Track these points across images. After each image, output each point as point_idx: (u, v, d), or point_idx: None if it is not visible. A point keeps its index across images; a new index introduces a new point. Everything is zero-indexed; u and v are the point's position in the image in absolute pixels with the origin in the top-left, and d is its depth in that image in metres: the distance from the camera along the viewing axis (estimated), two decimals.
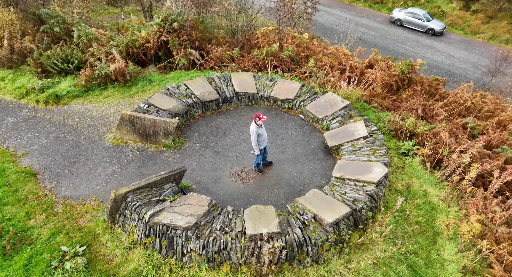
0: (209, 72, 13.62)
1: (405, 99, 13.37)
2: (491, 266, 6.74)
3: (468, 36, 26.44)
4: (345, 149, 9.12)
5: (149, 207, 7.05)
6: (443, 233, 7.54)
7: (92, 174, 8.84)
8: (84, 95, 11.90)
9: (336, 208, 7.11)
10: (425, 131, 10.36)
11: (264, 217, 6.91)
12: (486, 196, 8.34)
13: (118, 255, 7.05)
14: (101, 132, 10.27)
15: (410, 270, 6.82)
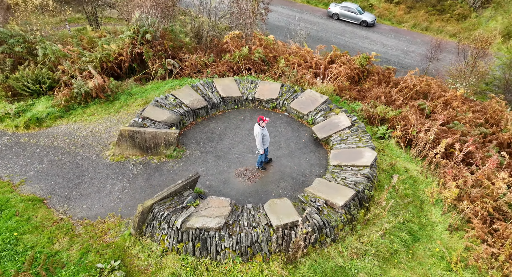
0: (186, 80, 13.98)
1: (368, 89, 14.92)
2: (470, 221, 8.26)
3: (395, 25, 29.65)
4: (334, 139, 10.24)
5: (176, 214, 7.54)
6: (428, 200, 8.96)
7: (102, 192, 9.00)
8: (67, 116, 11.72)
9: (342, 192, 8.17)
10: (394, 116, 11.86)
11: (283, 208, 7.76)
12: (453, 165, 9.97)
13: (152, 263, 7.46)
14: (97, 150, 10.33)
15: (409, 235, 8.12)
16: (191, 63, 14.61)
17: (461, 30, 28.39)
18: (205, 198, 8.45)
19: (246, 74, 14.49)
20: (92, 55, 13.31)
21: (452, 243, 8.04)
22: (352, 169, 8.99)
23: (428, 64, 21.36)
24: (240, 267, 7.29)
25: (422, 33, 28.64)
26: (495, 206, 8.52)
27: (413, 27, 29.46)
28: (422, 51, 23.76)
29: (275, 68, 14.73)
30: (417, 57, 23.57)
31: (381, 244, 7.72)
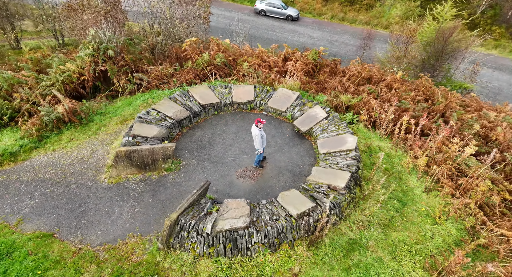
0: (155, 92, 14.03)
1: (324, 81, 16.39)
2: (440, 181, 10.02)
3: (316, 18, 32.60)
4: (316, 130, 11.39)
5: (203, 222, 8.01)
6: (404, 170, 10.58)
7: (112, 215, 9.00)
8: (42, 145, 11.16)
9: (339, 175, 9.33)
10: (357, 102, 13.40)
11: (295, 198, 8.67)
12: (414, 138, 11.77)
13: (186, 272, 7.87)
14: (91, 176, 10.14)
15: (399, 202, 9.60)
16: (156, 75, 14.64)
17: (370, 18, 32.33)
18: (219, 203, 8.99)
19: (213, 79, 14.97)
20: (53, 78, 12.68)
21: (431, 202, 9.71)
22: (341, 154, 10.22)
23: (363, 53, 23.81)
24: (270, 257, 8.05)
25: (340, 23, 31.97)
26: (456, 166, 10.42)
27: (332, 18, 32.61)
28: (344, 40, 27.16)
29: (241, 70, 15.42)
30: (341, 45, 26.51)
31: (380, 213, 9.06)
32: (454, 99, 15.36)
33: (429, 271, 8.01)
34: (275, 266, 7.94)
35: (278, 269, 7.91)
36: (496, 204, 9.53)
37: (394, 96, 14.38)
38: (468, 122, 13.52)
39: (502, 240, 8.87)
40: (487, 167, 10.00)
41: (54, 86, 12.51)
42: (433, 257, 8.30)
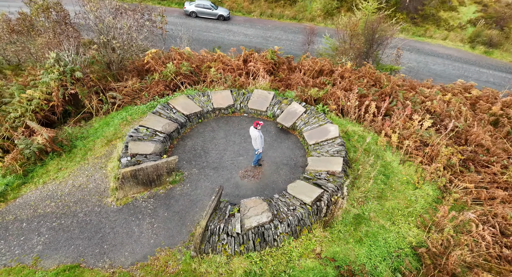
0: (129, 108, 13.95)
1: (286, 78, 17.59)
2: (411, 153, 11.82)
3: (245, 16, 34.10)
4: (299, 124, 12.50)
5: (230, 223, 8.66)
6: (380, 148, 12.20)
7: (133, 235, 9.17)
8: (29, 180, 10.66)
9: (333, 161, 10.57)
10: (324, 94, 14.81)
11: (303, 188, 9.71)
12: (381, 119, 13.53)
13: (222, 272, 8.49)
14: (95, 201, 10.06)
15: (383, 176, 11.16)
16: (127, 91, 14.49)
17: (296, 13, 34.60)
18: (234, 204, 9.67)
19: (184, 88, 15.25)
20: (20, 109, 11.99)
21: (407, 171, 11.46)
22: (328, 142, 11.47)
23: (308, 47, 25.55)
24: (294, 244, 9.02)
25: (269, 19, 33.72)
26: (419, 138, 12.33)
27: (261, 15, 34.16)
28: (276, 35, 29.20)
29: (208, 77, 15.88)
30: (275, 40, 28.41)
31: (373, 188, 10.52)
32: (396, 81, 17.65)
33: (422, 228, 9.65)
34: (300, 250, 8.93)
35: (303, 252, 8.91)
36: (456, 164, 11.60)
37: (354, 85, 16.12)
38: (412, 99, 15.78)
39: (466, 192, 10.91)
40: (444, 135, 12.06)
41: (25, 117, 11.87)
42: (422, 215, 9.98)
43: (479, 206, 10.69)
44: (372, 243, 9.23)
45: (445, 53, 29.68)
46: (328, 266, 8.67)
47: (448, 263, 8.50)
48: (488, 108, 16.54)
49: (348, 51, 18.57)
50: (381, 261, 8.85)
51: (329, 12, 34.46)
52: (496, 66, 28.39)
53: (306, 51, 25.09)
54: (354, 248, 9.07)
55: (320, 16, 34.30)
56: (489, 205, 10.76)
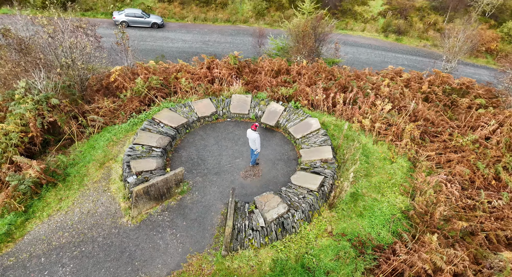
0: (110, 128, 13.89)
1: (252, 80, 18.59)
2: (380, 133, 13.67)
3: (179, 21, 34.07)
4: (283, 122, 13.65)
5: (252, 219, 9.53)
6: (354, 133, 13.87)
7: (160, 248, 9.57)
8: (32, 215, 10.35)
9: (323, 150, 11.92)
10: (293, 92, 16.13)
11: (305, 177, 10.90)
12: (351, 108, 15.24)
13: (253, 264, 9.36)
14: (110, 224, 10.18)
15: (364, 156, 12.81)
16: (104, 111, 14.34)
17: (229, 15, 35.44)
18: (247, 202, 10.53)
19: (159, 102, 15.48)
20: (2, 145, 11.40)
21: (381, 149, 13.28)
22: (313, 134, 12.80)
23: (259, 49, 26.72)
24: (309, 227, 10.19)
25: (204, 23, 34.12)
26: (385, 120, 14.26)
27: (195, 20, 34.38)
28: (215, 38, 30.08)
29: (181, 87, 16.24)
30: (215, 44, 29.00)
31: (360, 168, 12.09)
32: (347, 73, 19.72)
33: (405, 195, 11.46)
34: (315, 232, 10.13)
35: (317, 233, 10.12)
36: (417, 137, 13.72)
37: (314, 80, 17.71)
38: (363, 87, 17.88)
39: (429, 159, 13.04)
40: (404, 115, 14.12)
41: (7, 152, 11.34)
42: (402, 184, 11.80)
43: (440, 169, 12.87)
44: (370, 214, 10.77)
45: (366, 43, 32.98)
46: (341, 240, 10.00)
47: (433, 218, 10.34)
48: (418, 88, 19.29)
49: (302, 50, 20.16)
50: (382, 228, 10.42)
51: (260, 12, 35.97)
52: (406, 50, 32.40)
53: (258, 53, 26.35)
54: (357, 222, 10.52)
55: (252, 17, 35.65)
56: (448, 167, 13.01)
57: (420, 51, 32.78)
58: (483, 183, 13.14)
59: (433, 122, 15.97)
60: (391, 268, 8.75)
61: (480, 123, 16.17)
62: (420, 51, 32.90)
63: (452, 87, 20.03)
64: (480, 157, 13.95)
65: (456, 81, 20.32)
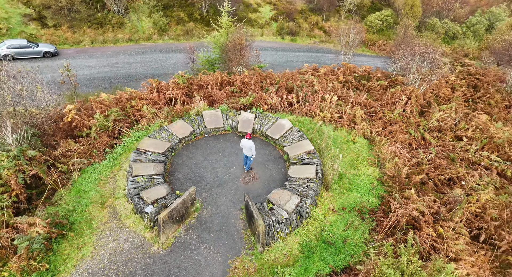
0: (94, 168, 13.59)
1: (205, 96, 19.53)
2: (342, 123, 16.27)
3: (76, 47, 30.39)
4: (258, 128, 15.20)
5: (275, 214, 10.98)
6: (316, 125, 16.18)
7: (202, 263, 10.31)
8: (55, 272, 9.95)
9: (303, 144, 13.89)
10: (252, 100, 17.75)
11: (300, 170, 12.73)
12: (307, 105, 17.52)
13: (286, 252, 10.85)
14: (142, 256, 10.47)
15: (333, 142, 15.18)
16: (77, 153, 13.89)
17: (130, 34, 33.87)
18: (263, 201, 11.89)
19: (130, 133, 15.51)
20: None
21: (342, 134, 15.87)
22: (288, 133, 14.67)
23: (192, 65, 27.42)
24: (317, 209, 12.06)
25: (104, 46, 31.68)
26: (337, 109, 16.93)
27: (93, 43, 31.70)
28: (123, 59, 28.50)
29: (145, 113, 16.42)
30: (125, 65, 27.57)
31: (336, 154, 14.41)
32: (284, 75, 22.21)
33: (373, 166, 14.18)
34: (322, 212, 12.05)
35: (324, 212, 12.07)
36: (363, 116, 16.72)
37: (266, 86, 19.61)
38: (301, 86, 20.54)
39: (378, 134, 16.11)
40: (348, 104, 16.99)
41: (1, 217, 10.57)
42: (368, 158, 14.52)
43: (388, 140, 16.05)
44: (356, 187, 13.15)
45: (268, 46, 36.01)
46: (343, 213, 12.13)
47: (401, 178, 13.20)
48: (336, 79, 22.88)
49: (240, 60, 21.86)
50: (368, 195, 12.89)
51: (162, 28, 35.77)
52: (302, 48, 36.60)
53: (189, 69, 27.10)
54: (349, 195, 12.79)
55: (155, 34, 35.14)
56: (392, 137, 16.29)
57: (313, 48, 37.22)
58: (416, 144, 16.80)
59: (365, 105, 19.37)
60: (391, 222, 11.17)
61: (395, 99, 20.19)
62: (312, 47, 37.38)
63: (360, 75, 24.16)
64: (407, 125, 17.68)
65: (360, 69, 24.57)
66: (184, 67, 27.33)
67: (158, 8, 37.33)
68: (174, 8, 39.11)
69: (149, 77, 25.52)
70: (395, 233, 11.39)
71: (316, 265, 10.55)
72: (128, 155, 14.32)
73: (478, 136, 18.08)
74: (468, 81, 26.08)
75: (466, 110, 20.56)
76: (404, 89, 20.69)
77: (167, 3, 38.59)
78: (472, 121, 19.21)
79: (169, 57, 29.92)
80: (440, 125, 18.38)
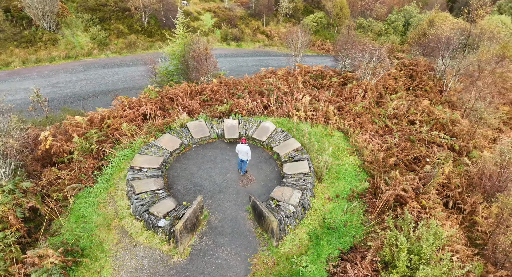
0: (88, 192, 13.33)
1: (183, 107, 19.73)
2: (317, 119, 17.65)
3: (4, 69, 27.73)
4: (244, 132, 15.96)
5: (283, 210, 11.90)
6: (294, 123, 17.38)
7: (224, 265, 10.83)
8: None
9: (290, 142, 14.98)
10: (230, 106, 18.43)
11: (294, 166, 13.80)
12: (282, 106, 18.64)
13: (297, 242, 11.83)
14: (164, 268, 10.70)
15: (317, 140, 16.48)
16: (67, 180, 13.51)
17: (66, 51, 31.83)
18: (267, 200, 12.73)
19: (114, 153, 15.35)
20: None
21: (318, 129, 17.27)
22: (274, 134, 15.66)
23: (154, 77, 27.07)
24: (315, 200, 13.20)
25: (39, 65, 29.35)
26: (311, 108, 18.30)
27: (25, 64, 29.24)
28: (64, 78, 26.81)
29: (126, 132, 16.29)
30: (69, 84, 25.92)
31: (317, 147, 15.69)
32: (251, 81, 23.23)
33: (353, 155, 15.75)
34: (320, 202, 13.23)
35: (322, 202, 13.26)
36: (334, 111, 18.32)
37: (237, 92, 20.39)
38: (270, 89, 21.73)
39: (350, 125, 17.80)
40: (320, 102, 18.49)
41: (7, 254, 10.14)
42: (348, 148, 16.06)
43: (359, 130, 17.79)
44: (343, 176, 14.57)
45: (217, 53, 35.04)
46: (338, 200, 13.43)
47: (379, 163, 14.89)
48: (295, 79, 24.52)
49: (206, 70, 22.38)
50: (355, 181, 14.35)
51: (102, 42, 34.38)
52: (249, 53, 37.73)
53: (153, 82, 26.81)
54: (339, 184, 14.15)
55: (95, 49, 33.55)
56: (361, 127, 18.09)
57: (258, 52, 38.51)
58: (382, 131, 18.83)
59: (330, 101, 21.10)
60: (383, 202, 12.69)
61: (354, 94, 22.25)
62: (258, 52, 38.64)
63: (315, 74, 26.10)
64: (371, 115, 19.69)
65: (314, 69, 26.56)
66: (136, 82, 26.94)
67: (94, 22, 35.62)
68: (111, 21, 37.51)
69: (98, 95, 24.89)
70: (385, 211, 12.94)
71: (326, 249, 11.68)
72: (119, 174, 14.24)
73: (426, 119, 20.69)
74: (405, 72, 29.27)
75: (412, 98, 23.34)
76: (360, 84, 22.84)
77: (102, 16, 36.94)
78: (419, 107, 21.88)
79: (115, 72, 28.87)
80: (396, 113, 20.70)
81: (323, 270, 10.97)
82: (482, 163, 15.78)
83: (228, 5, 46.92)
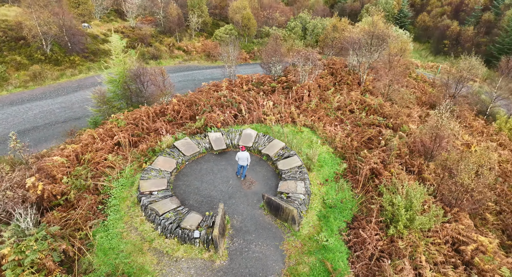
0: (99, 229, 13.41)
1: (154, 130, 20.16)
2: (285, 120, 20.01)
3: None
4: (230, 142, 17.44)
5: (295, 199, 13.93)
6: (270, 127, 19.48)
7: (262, 256, 12.39)
8: None
9: (275, 143, 17.04)
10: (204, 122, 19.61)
11: (287, 162, 15.92)
12: (257, 112, 20.52)
13: (312, 224, 13.97)
14: (211, 273, 11.81)
15: (292, 136, 18.78)
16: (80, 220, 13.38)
17: None
18: (276, 195, 14.57)
19: (110, 185, 15.44)
20: None
21: (291, 129, 19.68)
22: (257, 139, 17.52)
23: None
24: (312, 187, 15.51)
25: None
26: (276, 111, 20.58)
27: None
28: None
29: (115, 163, 16.39)
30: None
31: (297, 143, 18.04)
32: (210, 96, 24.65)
33: (324, 144, 18.53)
34: (315, 187, 15.59)
35: (317, 187, 15.64)
36: (296, 111, 20.97)
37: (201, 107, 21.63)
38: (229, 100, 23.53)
39: (313, 120, 20.64)
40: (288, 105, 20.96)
41: None
42: (318, 140, 18.80)
43: (321, 124, 20.69)
44: (323, 163, 17.21)
45: None
46: (328, 183, 15.98)
47: (348, 147, 17.92)
48: (240, 88, 26.92)
49: (163, 90, 23.08)
50: (334, 165, 17.10)
51: (1, 76, 30.07)
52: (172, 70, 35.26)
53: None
54: (324, 170, 16.74)
55: None
56: (321, 121, 21.08)
57: (181, 67, 39.05)
58: (336, 121, 22.14)
59: (286, 103, 23.78)
60: (362, 176, 15.60)
61: (301, 94, 25.39)
62: (180, 67, 39.26)
63: (255, 82, 28.78)
64: (323, 110, 22.93)
65: (254, 77, 29.28)
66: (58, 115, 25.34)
67: None
68: (4, 53, 32.64)
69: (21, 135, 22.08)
70: (365, 184, 15.91)
71: (334, 224, 14.07)
72: (125, 203, 14.57)
73: (361, 107, 24.77)
74: (327, 70, 33.72)
75: (341, 91, 27.46)
76: (303, 85, 26.06)
77: None
78: (352, 98, 25.97)
79: (28, 108, 25.99)
80: (339, 105, 24.33)
81: (340, 240, 13.32)
82: (413, 134, 20.01)
83: (133, 24, 45.87)
